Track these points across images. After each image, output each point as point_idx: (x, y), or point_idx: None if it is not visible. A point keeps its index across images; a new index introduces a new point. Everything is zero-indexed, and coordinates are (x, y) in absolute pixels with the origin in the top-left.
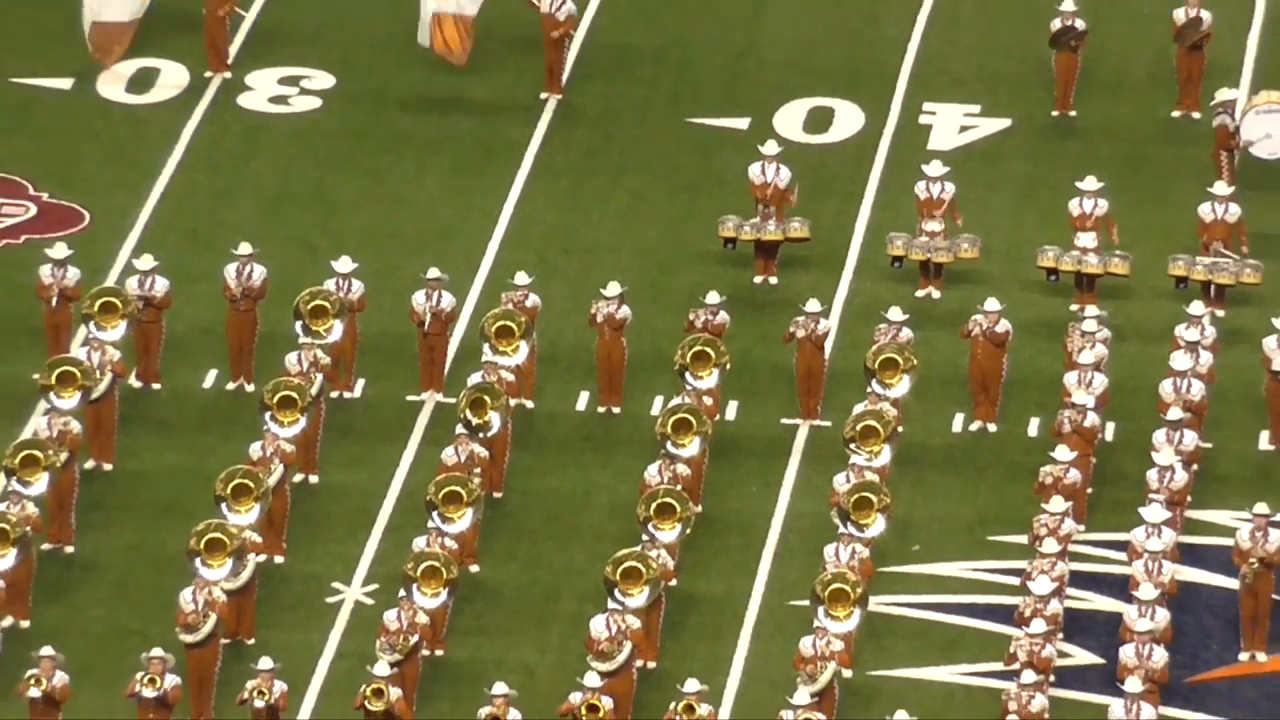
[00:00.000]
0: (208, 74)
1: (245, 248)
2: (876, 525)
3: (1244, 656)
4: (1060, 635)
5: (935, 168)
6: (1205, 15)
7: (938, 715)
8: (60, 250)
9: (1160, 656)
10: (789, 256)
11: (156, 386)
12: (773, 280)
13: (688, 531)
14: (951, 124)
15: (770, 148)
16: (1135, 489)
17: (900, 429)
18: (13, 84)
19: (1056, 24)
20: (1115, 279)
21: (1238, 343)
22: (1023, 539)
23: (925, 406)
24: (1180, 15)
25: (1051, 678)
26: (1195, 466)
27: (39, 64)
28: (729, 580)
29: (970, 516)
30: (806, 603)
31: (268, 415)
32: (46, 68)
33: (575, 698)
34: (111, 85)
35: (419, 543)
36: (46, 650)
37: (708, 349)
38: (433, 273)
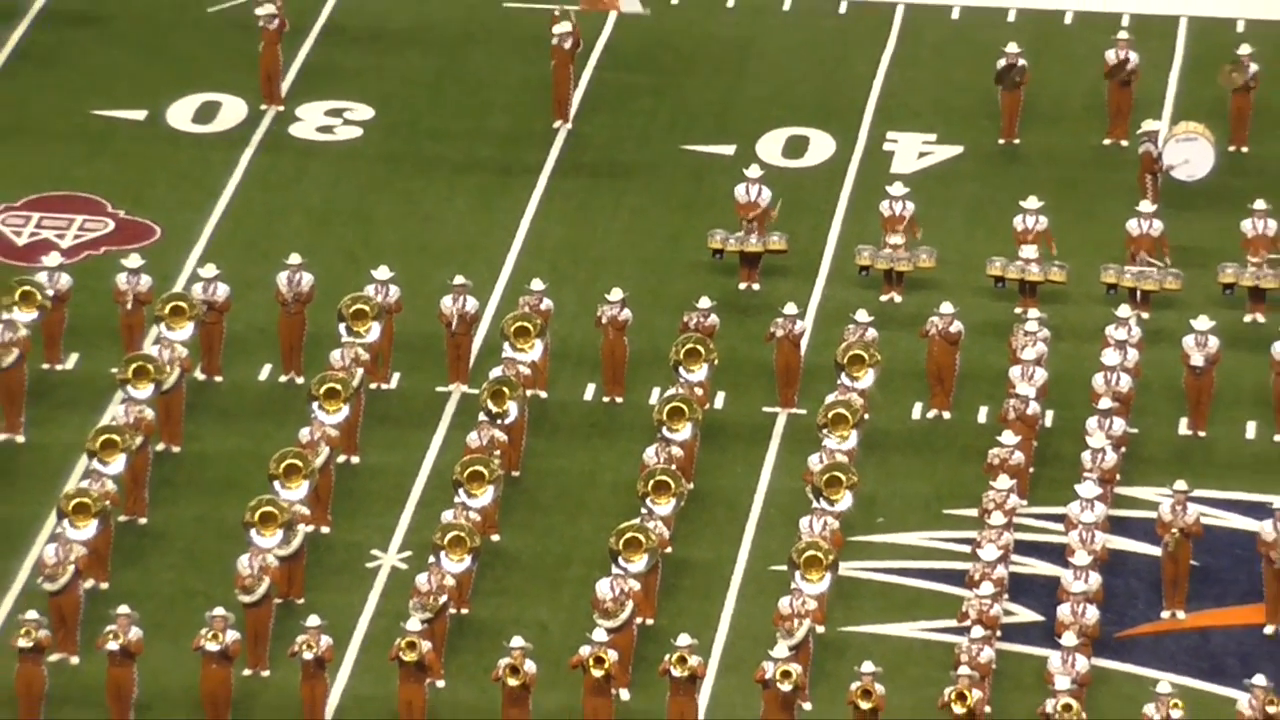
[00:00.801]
0: (263, 107)
1: (295, 258)
2: (845, 500)
3: (1166, 614)
4: (1005, 596)
5: (897, 188)
6: (1133, 55)
7: (899, 666)
8: (134, 260)
9: (1093, 614)
10: (769, 266)
11: (218, 379)
12: (755, 287)
13: (681, 505)
14: (911, 151)
15: (753, 171)
16: (1071, 469)
17: (866, 416)
18: (94, 115)
19: (1001, 63)
20: (1054, 286)
21: (1160, 341)
22: (973, 512)
23: (888, 397)
24: (1111, 56)
25: (998, 633)
26: (1123, 449)
27: (117, 98)
28: (717, 548)
29: (928, 493)
30: (785, 568)
31: (315, 404)
32: (123, 102)
33: (584, 650)
34: (180, 117)
35: (447, 515)
36: (123, 609)
37: (699, 346)
38: (459, 280)
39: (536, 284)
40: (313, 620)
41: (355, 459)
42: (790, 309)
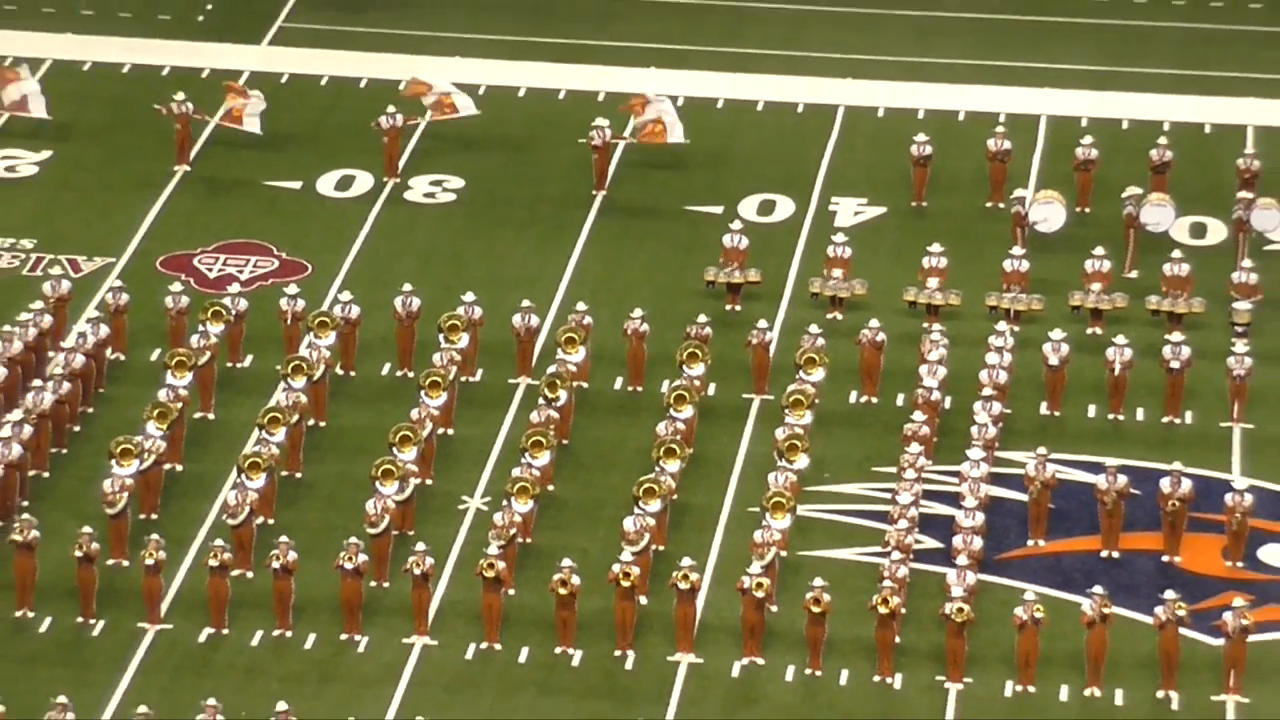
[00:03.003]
0: (384, 179)
1: (407, 287)
2: (801, 461)
3: (1030, 543)
4: (916, 530)
5: (839, 238)
6: (1008, 143)
7: (840, 580)
8: (293, 289)
9: (978, 543)
10: (748, 293)
11: (353, 374)
12: (737, 308)
13: (684, 466)
14: (849, 210)
15: (736, 225)
16: (963, 438)
17: (817, 401)
18: (265, 185)
19: (914, 150)
20: (951, 308)
21: (1027, 347)
22: (893, 469)
23: (832, 387)
24: (993, 144)
25: (910, 556)
26: (1000, 424)
27: (281, 173)
28: (709, 495)
29: (861, 455)
30: (758, 510)
31: (421, 392)
32: (285, 175)
33: (615, 568)
34: (326, 185)
35: (515, 472)
36: (284, 538)
37: (697, 350)
38: (525, 303)
39: (580, 306)
40: (420, 546)
41: (450, 431)
42: (762, 324)
